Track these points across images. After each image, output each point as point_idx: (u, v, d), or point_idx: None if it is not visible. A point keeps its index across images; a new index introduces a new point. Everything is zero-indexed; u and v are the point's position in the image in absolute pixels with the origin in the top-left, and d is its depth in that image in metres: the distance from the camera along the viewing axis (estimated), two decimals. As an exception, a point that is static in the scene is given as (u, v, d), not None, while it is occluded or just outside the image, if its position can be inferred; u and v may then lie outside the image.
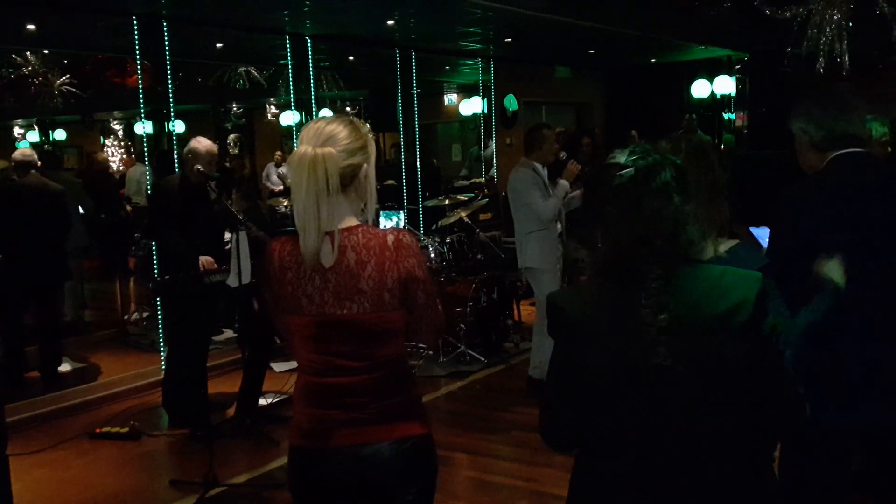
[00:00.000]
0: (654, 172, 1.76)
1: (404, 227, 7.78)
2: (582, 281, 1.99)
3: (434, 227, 8.35)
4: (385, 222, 7.41)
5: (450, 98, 13.89)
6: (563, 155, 6.44)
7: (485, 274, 7.50)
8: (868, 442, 2.70)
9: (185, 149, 5.60)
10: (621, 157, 1.81)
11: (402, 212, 7.76)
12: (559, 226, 6.11)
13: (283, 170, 13.09)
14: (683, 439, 1.74)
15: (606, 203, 1.81)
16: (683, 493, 1.75)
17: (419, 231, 9.11)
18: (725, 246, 2.19)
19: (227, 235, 5.74)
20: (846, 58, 6.46)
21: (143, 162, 8.06)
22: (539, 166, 6.01)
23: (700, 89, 12.47)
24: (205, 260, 5.47)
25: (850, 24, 6.36)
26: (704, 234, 1.87)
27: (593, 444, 1.87)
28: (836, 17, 6.49)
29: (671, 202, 1.75)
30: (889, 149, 4.88)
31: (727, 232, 2.27)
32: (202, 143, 5.54)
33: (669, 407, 1.74)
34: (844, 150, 2.69)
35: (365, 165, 2.22)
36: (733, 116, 12.76)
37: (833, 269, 2.37)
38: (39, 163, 6.80)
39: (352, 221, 2.21)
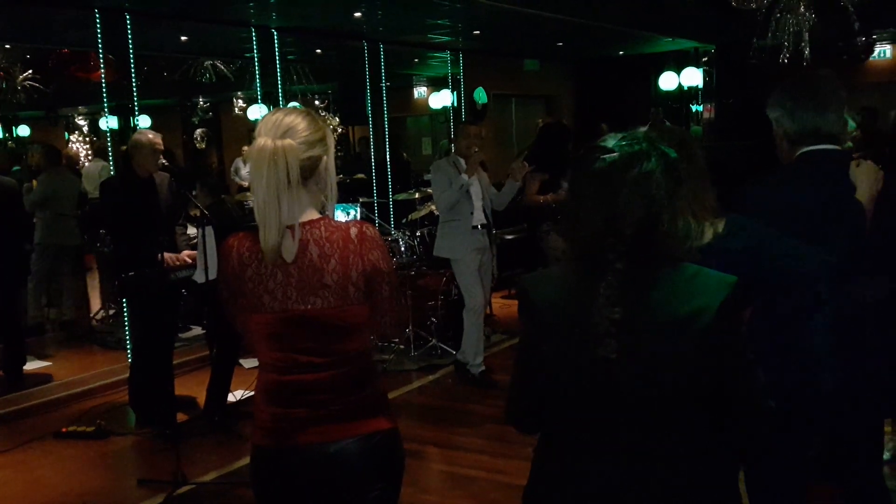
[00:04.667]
0: (636, 160, 1.70)
1: (361, 219, 7.76)
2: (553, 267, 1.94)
3: (404, 220, 8.34)
4: (341, 215, 7.35)
5: (419, 91, 13.86)
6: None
7: (455, 267, 7.48)
8: (827, 426, 2.71)
9: (129, 142, 5.54)
10: (610, 141, 1.76)
11: (357, 205, 7.70)
12: (477, 217, 6.26)
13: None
14: (631, 436, 1.71)
15: (584, 186, 1.77)
16: (631, 488, 1.71)
17: (389, 225, 9.08)
18: (721, 223, 2.25)
19: (192, 231, 5.68)
20: (807, 49, 6.50)
21: (108, 157, 7.92)
22: (461, 160, 6.24)
23: (668, 81, 12.53)
24: (169, 257, 5.40)
25: (814, 15, 6.40)
26: (689, 230, 1.84)
27: (551, 429, 1.86)
28: (800, 9, 6.54)
29: (648, 193, 1.69)
30: (854, 143, 4.87)
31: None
32: (145, 136, 5.46)
33: (617, 402, 1.71)
34: (814, 147, 2.66)
35: (325, 157, 2.19)
36: (701, 108, 12.84)
37: None
38: None
39: (313, 214, 2.18)
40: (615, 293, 1.68)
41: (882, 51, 11.70)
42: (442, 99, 12.14)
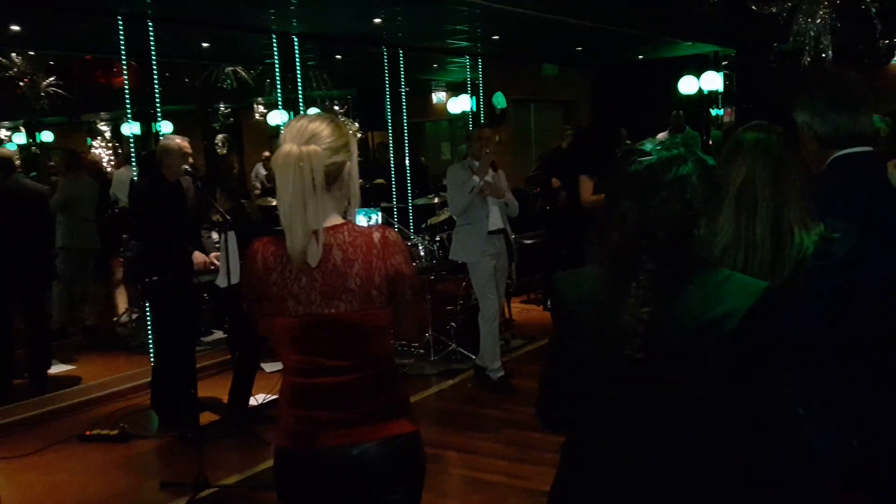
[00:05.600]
0: (672, 164, 1.72)
1: (382, 224, 7.80)
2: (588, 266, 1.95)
3: (423, 225, 8.36)
4: (362, 220, 7.38)
5: (438, 96, 13.86)
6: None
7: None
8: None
9: (157, 148, 5.60)
10: (648, 145, 1.78)
11: (378, 210, 7.74)
12: (493, 221, 6.29)
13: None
14: (657, 437, 1.72)
15: (620, 188, 1.79)
16: (655, 493, 1.72)
17: (409, 229, 9.10)
18: (820, 227, 2.20)
19: (216, 236, 5.73)
20: (830, 52, 6.47)
21: (131, 163, 8.00)
22: (475, 163, 6.27)
23: (687, 85, 12.47)
24: (199, 258, 5.45)
25: (835, 19, 6.38)
26: (801, 237, 1.89)
27: (578, 428, 1.87)
28: (821, 13, 6.51)
29: (683, 196, 1.71)
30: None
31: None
32: (174, 141, 5.52)
33: (643, 402, 1.72)
34: (850, 150, 2.58)
35: (348, 163, 2.22)
36: (721, 112, 12.77)
37: None
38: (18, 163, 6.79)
39: (337, 219, 2.21)
40: (645, 293, 1.70)
41: (904, 55, 11.61)
42: (461, 104, 12.15)
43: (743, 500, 1.77)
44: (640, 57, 12.56)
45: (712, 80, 12.35)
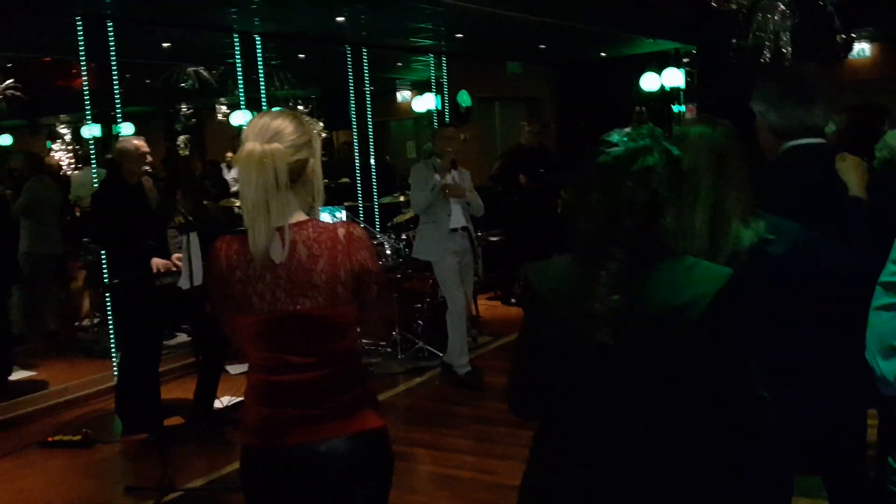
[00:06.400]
0: (638, 155, 1.77)
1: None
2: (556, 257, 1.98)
3: (389, 224, 8.36)
4: (327, 218, 7.31)
5: (403, 95, 13.86)
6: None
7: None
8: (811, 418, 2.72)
9: (115, 150, 5.53)
10: (616, 137, 1.82)
11: (343, 208, 7.72)
12: (455, 219, 6.30)
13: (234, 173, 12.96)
14: (628, 422, 1.75)
15: (589, 179, 1.82)
16: (628, 475, 1.75)
17: (375, 228, 9.08)
18: (762, 224, 2.25)
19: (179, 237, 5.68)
20: (787, 49, 6.56)
21: (90, 165, 7.89)
22: (439, 161, 6.27)
23: (649, 82, 12.56)
24: (158, 262, 5.39)
25: (794, 14, 6.46)
26: (739, 230, 1.95)
27: (549, 416, 1.89)
28: (780, 9, 6.60)
29: (650, 186, 1.75)
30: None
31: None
32: (131, 142, 5.46)
33: (615, 389, 1.76)
34: (801, 141, 2.67)
35: (311, 160, 2.21)
36: (683, 109, 12.89)
37: None
38: None
39: (301, 216, 2.20)
40: (614, 281, 1.73)
41: (861, 49, 11.81)
42: (426, 102, 12.14)
43: (712, 481, 1.80)
44: (603, 54, 12.64)
45: (674, 77, 12.45)
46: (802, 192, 2.59)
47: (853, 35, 8.34)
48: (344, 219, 7.66)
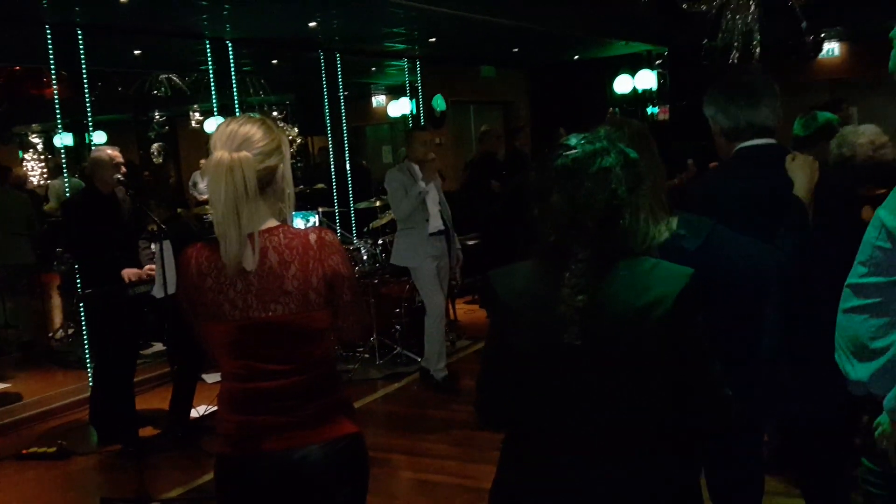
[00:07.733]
0: (595, 156, 1.79)
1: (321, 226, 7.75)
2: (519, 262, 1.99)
3: (366, 229, 8.33)
4: (300, 223, 7.32)
5: (378, 100, 13.83)
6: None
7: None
8: (782, 426, 2.75)
9: (88, 160, 5.49)
10: (573, 140, 1.84)
11: (315, 212, 7.69)
12: (434, 223, 6.27)
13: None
14: (596, 425, 1.76)
15: (549, 182, 1.83)
16: (598, 478, 1.77)
17: (351, 233, 9.06)
18: (674, 221, 2.28)
19: (153, 246, 5.63)
20: (757, 49, 6.62)
21: (63, 174, 7.81)
22: (415, 166, 6.21)
23: (622, 85, 12.64)
24: (129, 272, 5.35)
25: (762, 15, 6.52)
26: (647, 226, 1.90)
27: (519, 423, 1.89)
28: (749, 9, 6.65)
29: (609, 187, 1.77)
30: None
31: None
32: (104, 152, 5.42)
33: (584, 390, 1.77)
34: (751, 142, 2.71)
35: (281, 166, 2.20)
36: (656, 110, 12.97)
37: None
38: None
39: (272, 223, 2.19)
40: (579, 282, 1.75)
41: (830, 49, 11.94)
42: (401, 107, 12.13)
43: (681, 478, 1.82)
44: (576, 57, 12.70)
45: (646, 79, 12.54)
46: (745, 194, 2.63)
47: (822, 35, 8.43)
48: (317, 223, 7.64)
